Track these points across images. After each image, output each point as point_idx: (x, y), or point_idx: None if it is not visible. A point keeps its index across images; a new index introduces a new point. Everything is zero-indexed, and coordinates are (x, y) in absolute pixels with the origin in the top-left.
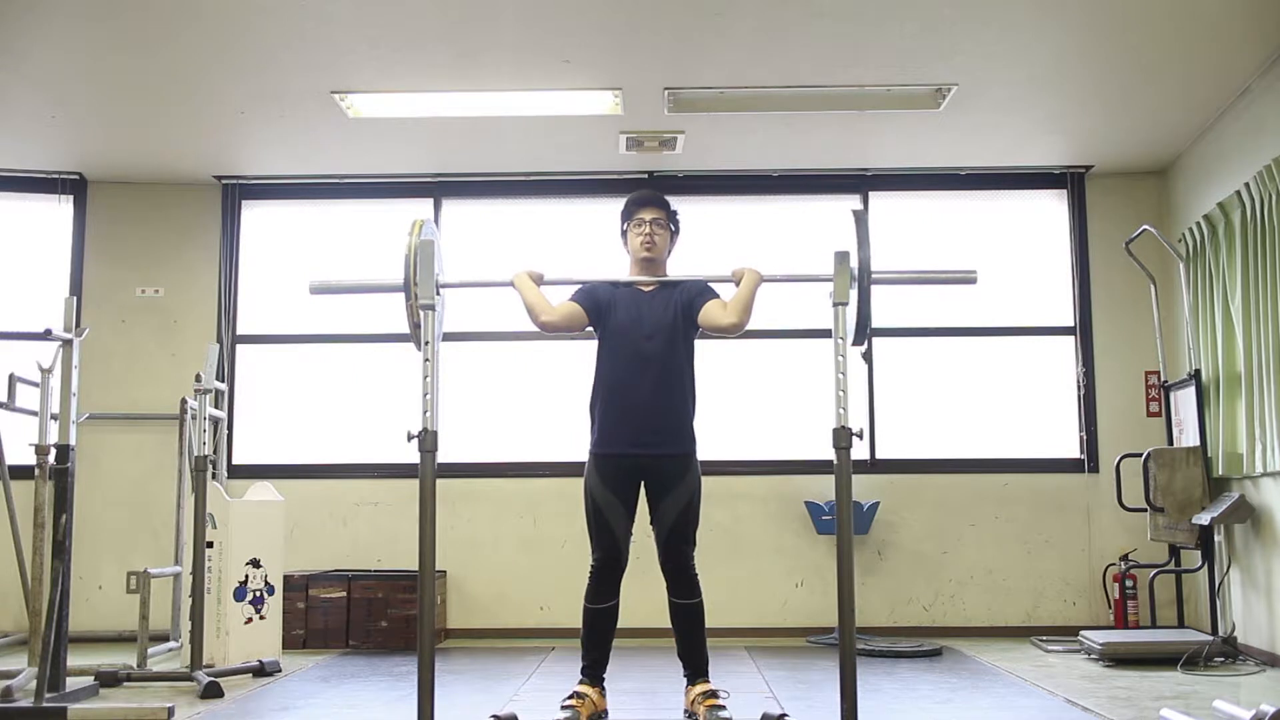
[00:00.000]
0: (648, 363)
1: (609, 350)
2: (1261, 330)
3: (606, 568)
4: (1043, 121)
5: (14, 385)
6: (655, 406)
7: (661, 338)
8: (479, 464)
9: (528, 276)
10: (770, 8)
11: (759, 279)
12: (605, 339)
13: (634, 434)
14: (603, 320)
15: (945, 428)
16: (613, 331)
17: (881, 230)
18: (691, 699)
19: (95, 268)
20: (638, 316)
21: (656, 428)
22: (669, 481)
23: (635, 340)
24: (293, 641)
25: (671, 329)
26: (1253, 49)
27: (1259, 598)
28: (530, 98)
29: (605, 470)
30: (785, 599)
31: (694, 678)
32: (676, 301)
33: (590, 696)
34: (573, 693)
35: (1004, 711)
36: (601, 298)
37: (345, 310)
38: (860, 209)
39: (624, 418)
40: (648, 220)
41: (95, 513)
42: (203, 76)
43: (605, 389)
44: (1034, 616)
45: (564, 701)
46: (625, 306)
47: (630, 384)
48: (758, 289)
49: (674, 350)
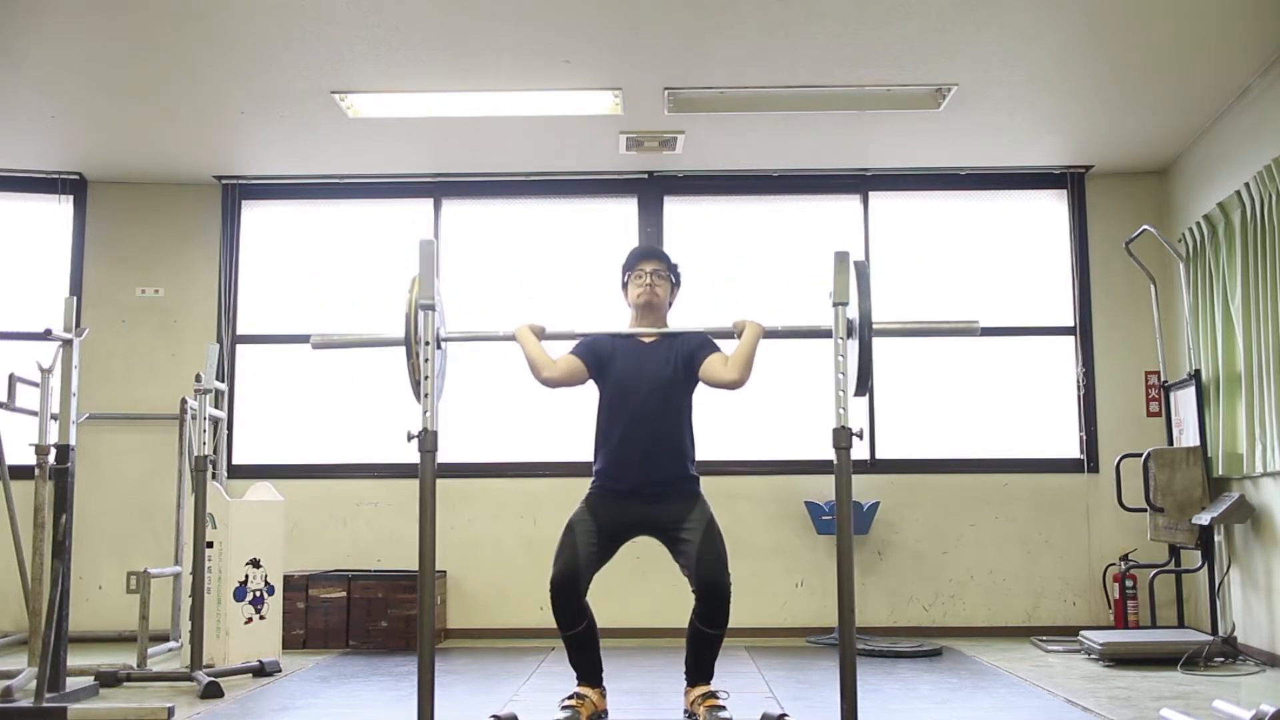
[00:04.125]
0: (646, 417)
1: (608, 402)
2: (1261, 330)
3: (561, 590)
4: (1043, 121)
5: (14, 385)
6: (655, 458)
7: (661, 392)
8: (479, 464)
9: (530, 331)
10: (770, 8)
11: (760, 332)
12: (605, 390)
13: (634, 485)
14: (603, 373)
15: (945, 428)
16: (612, 383)
17: (882, 230)
18: (692, 700)
19: (95, 268)
20: (638, 368)
21: (656, 480)
22: (680, 513)
23: (635, 394)
24: (293, 641)
25: (670, 383)
26: (1253, 49)
27: (1259, 598)
28: (530, 98)
29: (603, 502)
30: (785, 599)
31: (694, 681)
32: (677, 354)
33: (590, 697)
34: (573, 693)
35: (1004, 711)
36: (602, 351)
37: (346, 310)
38: (863, 261)
39: (624, 472)
40: (648, 271)
41: (95, 513)
42: (203, 76)
43: (605, 440)
44: (1034, 616)
45: (564, 701)
46: (625, 357)
47: (630, 437)
48: (759, 342)
49: (673, 403)
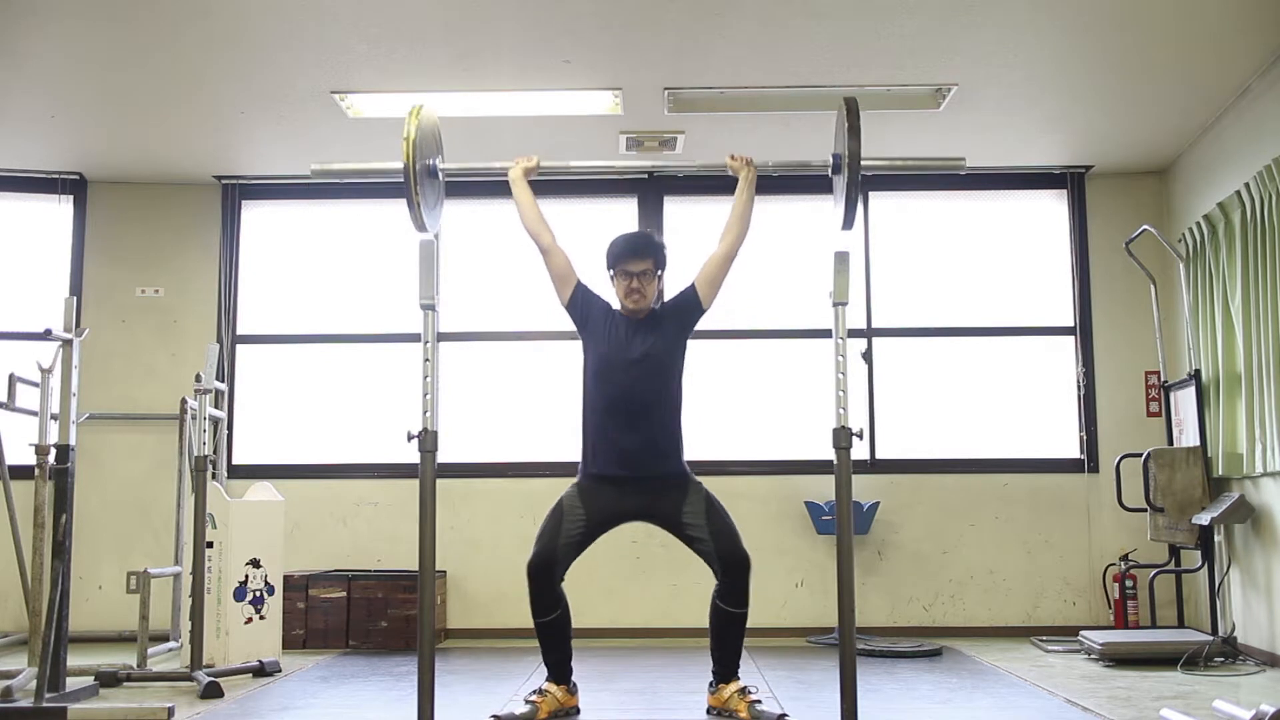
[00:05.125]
0: (635, 398)
1: (594, 371)
2: (1261, 330)
3: (538, 574)
4: (1043, 121)
5: (14, 385)
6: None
7: (650, 361)
8: (479, 464)
9: (527, 185)
10: (770, 8)
11: (755, 180)
12: (591, 353)
13: (625, 473)
14: (588, 322)
15: (945, 428)
16: (598, 346)
17: (882, 230)
18: (726, 697)
19: (95, 268)
20: (626, 337)
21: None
22: (675, 501)
23: (622, 363)
24: (293, 641)
25: (663, 354)
26: (1253, 49)
27: (1259, 598)
28: (530, 98)
29: (591, 487)
30: (785, 599)
31: (725, 677)
32: (667, 316)
33: (554, 693)
34: (537, 688)
35: (1004, 711)
36: (595, 303)
37: (345, 311)
38: (852, 98)
39: (614, 459)
40: (635, 274)
41: (95, 513)
42: (203, 76)
43: (593, 414)
44: (1034, 616)
45: (527, 696)
46: (616, 326)
47: (619, 421)
48: (754, 192)
49: (663, 381)
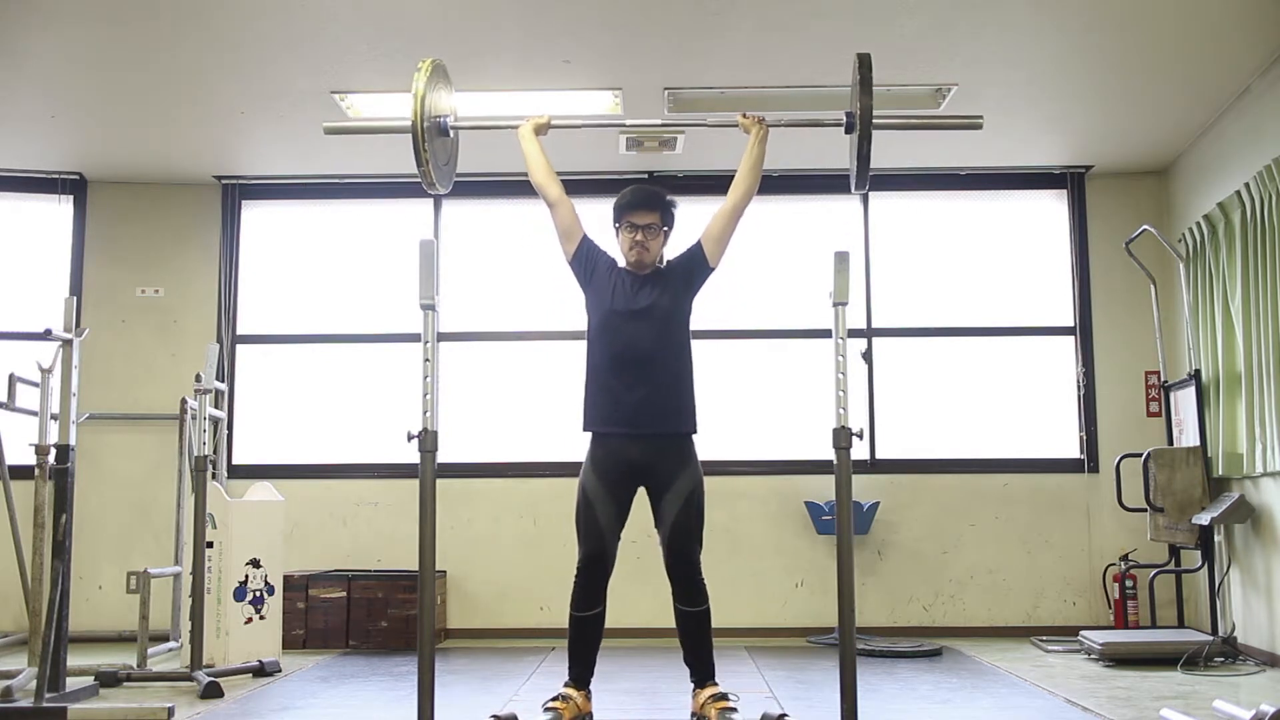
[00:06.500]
0: (641, 352)
1: (598, 325)
2: (1261, 330)
3: (591, 567)
4: (1043, 121)
5: (14, 385)
6: (649, 398)
7: (655, 313)
8: (479, 464)
9: (537, 140)
10: (770, 8)
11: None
12: (594, 310)
13: (627, 430)
14: (592, 279)
15: (945, 428)
16: (602, 301)
17: (882, 230)
18: (701, 702)
19: (95, 268)
20: (632, 292)
21: (649, 423)
22: (669, 471)
23: (626, 314)
24: (293, 641)
25: (669, 311)
26: (1253, 49)
27: (1259, 598)
28: (530, 98)
29: (599, 455)
30: (785, 599)
31: (702, 681)
32: (672, 272)
33: (575, 699)
34: (557, 694)
35: (1004, 712)
36: (600, 259)
37: (345, 311)
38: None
39: (616, 414)
40: (640, 226)
41: (95, 513)
42: (203, 77)
43: (595, 371)
44: (1034, 616)
45: (547, 703)
46: (621, 281)
47: (623, 375)
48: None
49: (671, 336)
